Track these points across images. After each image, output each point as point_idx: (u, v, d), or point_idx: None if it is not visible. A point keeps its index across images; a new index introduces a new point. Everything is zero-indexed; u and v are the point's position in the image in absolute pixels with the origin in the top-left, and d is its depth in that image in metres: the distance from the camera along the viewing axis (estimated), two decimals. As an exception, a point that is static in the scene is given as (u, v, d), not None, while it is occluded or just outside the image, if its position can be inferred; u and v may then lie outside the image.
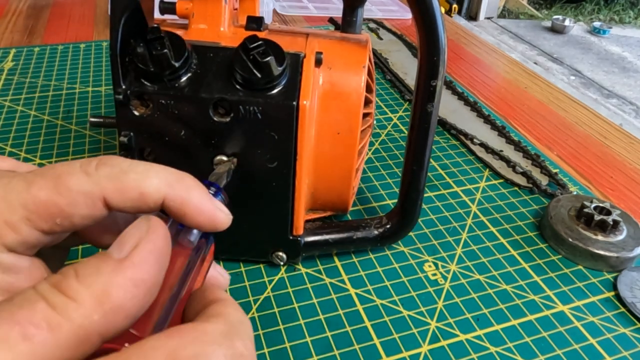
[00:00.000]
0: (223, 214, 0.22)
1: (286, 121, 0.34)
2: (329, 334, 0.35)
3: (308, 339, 0.35)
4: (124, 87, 0.33)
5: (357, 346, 0.35)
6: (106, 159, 0.20)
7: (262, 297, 0.38)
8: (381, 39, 0.80)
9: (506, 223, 0.46)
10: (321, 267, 0.40)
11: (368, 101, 0.39)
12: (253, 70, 0.32)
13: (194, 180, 0.22)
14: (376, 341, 0.35)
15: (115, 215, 0.22)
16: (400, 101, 0.65)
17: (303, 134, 0.34)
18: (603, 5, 3.34)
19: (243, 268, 0.40)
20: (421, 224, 0.45)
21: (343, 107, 0.36)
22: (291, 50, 0.34)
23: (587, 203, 0.44)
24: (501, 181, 0.51)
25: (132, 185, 0.20)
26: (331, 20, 0.86)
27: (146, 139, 0.34)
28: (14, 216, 0.19)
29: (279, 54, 0.33)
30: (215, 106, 0.33)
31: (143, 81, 0.33)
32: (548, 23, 3.06)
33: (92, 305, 0.16)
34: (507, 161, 0.53)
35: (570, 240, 0.42)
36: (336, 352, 0.34)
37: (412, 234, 0.44)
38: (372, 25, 0.85)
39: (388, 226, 0.40)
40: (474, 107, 0.62)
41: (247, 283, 0.39)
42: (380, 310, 0.37)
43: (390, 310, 0.37)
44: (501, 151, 0.54)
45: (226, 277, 0.25)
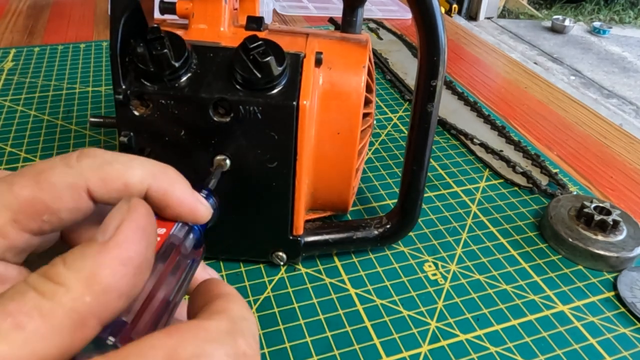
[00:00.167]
0: (203, 207, 0.22)
1: (286, 121, 0.34)
2: (329, 334, 0.35)
3: (308, 339, 0.35)
4: (124, 87, 0.33)
5: (357, 346, 0.35)
6: (87, 151, 0.20)
7: (262, 297, 0.38)
8: (381, 39, 0.80)
9: (506, 223, 0.46)
10: (321, 267, 0.40)
11: (368, 101, 0.39)
12: (253, 70, 0.32)
13: (177, 172, 0.22)
14: (376, 341, 0.35)
15: (102, 214, 0.22)
16: (400, 101, 0.65)
17: (303, 134, 0.34)
18: (603, 5, 3.34)
19: (243, 268, 0.40)
20: (421, 224, 0.45)
21: (343, 107, 0.36)
22: (291, 50, 0.34)
23: (587, 203, 0.44)
24: (501, 181, 0.51)
25: (116, 175, 0.20)
26: (331, 20, 0.86)
27: (146, 139, 0.34)
28: (0, 220, 0.18)
29: (279, 54, 0.33)
30: (215, 106, 0.33)
31: (143, 81, 0.33)
32: (548, 23, 3.06)
33: (82, 288, 0.16)
34: (507, 161, 0.53)
35: (570, 240, 0.42)
36: (336, 352, 0.34)
37: (412, 234, 0.44)
38: (372, 25, 0.85)
39: (388, 226, 0.40)
40: (474, 107, 0.62)
41: (247, 283, 0.39)
42: (380, 310, 0.37)
43: (390, 310, 0.37)
44: (501, 151, 0.54)
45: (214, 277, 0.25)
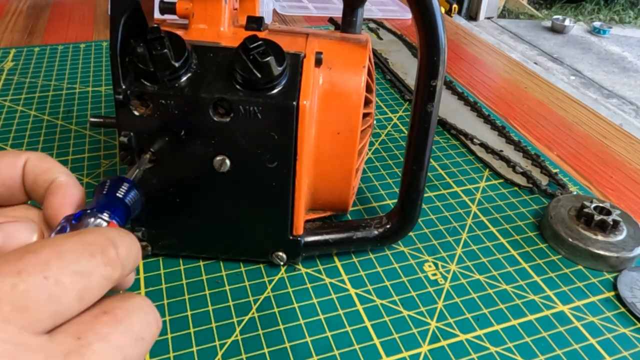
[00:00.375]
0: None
1: (286, 121, 0.34)
2: (329, 334, 0.35)
3: (308, 339, 0.35)
4: (124, 87, 0.33)
5: (357, 346, 0.35)
6: None
7: (262, 297, 0.38)
8: (381, 39, 0.80)
9: (506, 223, 0.46)
10: (321, 267, 0.40)
11: (368, 101, 0.39)
12: (253, 70, 0.32)
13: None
14: (376, 341, 0.35)
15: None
16: (400, 101, 0.65)
17: (303, 134, 0.34)
18: (603, 5, 3.34)
19: (243, 268, 0.40)
20: (421, 224, 0.45)
21: (343, 107, 0.36)
22: (291, 50, 0.34)
23: (587, 203, 0.44)
24: (501, 181, 0.51)
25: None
26: (331, 20, 0.86)
27: (146, 139, 0.34)
28: None
29: (279, 54, 0.33)
30: (215, 106, 0.33)
31: (143, 81, 0.33)
32: (548, 23, 3.06)
33: None
34: (507, 161, 0.53)
35: (570, 240, 0.42)
36: (336, 352, 0.34)
37: (412, 234, 0.44)
38: (372, 25, 0.85)
39: (388, 226, 0.40)
40: (474, 107, 0.62)
41: (247, 283, 0.39)
42: (380, 310, 0.37)
43: (390, 310, 0.37)
44: (501, 151, 0.54)
45: None
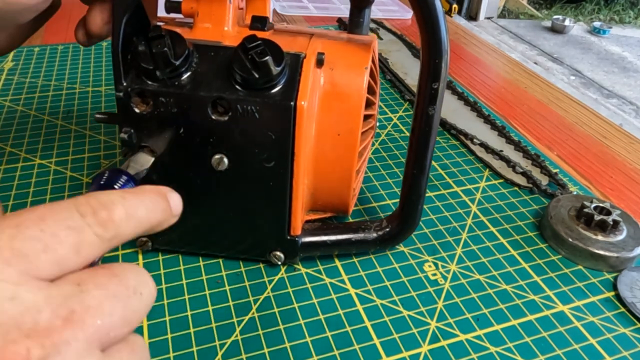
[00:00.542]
0: None
1: (283, 121, 0.33)
2: (329, 334, 0.35)
3: (308, 339, 0.35)
4: (125, 85, 0.33)
5: (357, 346, 0.35)
6: None
7: (262, 297, 0.37)
8: (381, 39, 0.80)
9: (506, 223, 0.46)
10: (321, 267, 0.40)
11: (370, 103, 0.39)
12: (251, 69, 0.32)
13: None
14: (376, 341, 0.35)
15: None
16: (400, 101, 0.65)
17: (300, 134, 0.34)
18: (603, 5, 3.34)
19: (243, 268, 0.40)
20: (421, 224, 0.45)
21: (344, 109, 0.36)
22: (293, 50, 0.34)
23: (587, 203, 0.44)
24: (501, 181, 0.51)
25: None
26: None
27: (146, 136, 0.34)
28: None
29: (278, 54, 0.33)
30: (213, 105, 0.33)
31: (144, 79, 0.33)
32: (548, 23, 3.06)
33: None
34: (507, 161, 0.53)
35: (570, 240, 0.42)
36: (336, 352, 0.34)
37: (412, 234, 0.44)
38: (372, 25, 0.85)
39: (388, 229, 0.40)
40: (474, 107, 0.62)
41: (247, 283, 0.38)
42: (380, 310, 0.37)
43: (390, 310, 0.37)
44: (501, 151, 0.54)
45: None
